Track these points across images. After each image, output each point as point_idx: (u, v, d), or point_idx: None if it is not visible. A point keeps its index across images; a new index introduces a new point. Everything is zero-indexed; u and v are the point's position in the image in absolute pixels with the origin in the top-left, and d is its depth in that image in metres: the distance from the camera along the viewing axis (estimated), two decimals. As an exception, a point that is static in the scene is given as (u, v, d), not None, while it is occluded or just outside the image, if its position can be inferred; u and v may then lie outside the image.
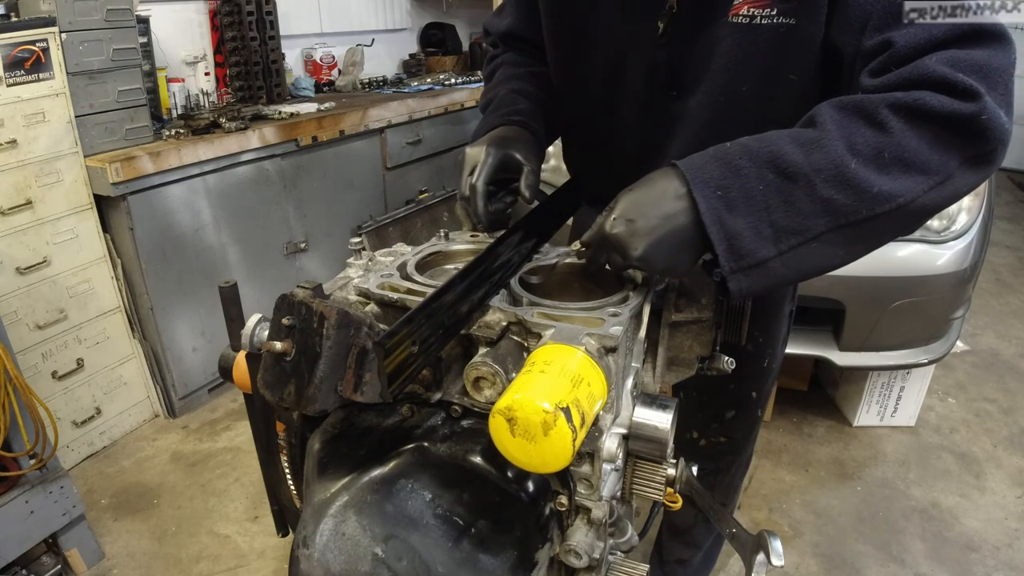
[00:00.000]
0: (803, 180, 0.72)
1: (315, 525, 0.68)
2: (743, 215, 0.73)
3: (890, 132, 0.71)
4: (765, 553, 0.71)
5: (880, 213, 0.72)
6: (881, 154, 0.71)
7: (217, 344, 2.74)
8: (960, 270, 2.13)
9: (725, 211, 0.73)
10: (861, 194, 0.71)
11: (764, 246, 0.73)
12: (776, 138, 0.75)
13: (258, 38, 3.10)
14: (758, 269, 0.74)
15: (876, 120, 0.72)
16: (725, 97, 0.96)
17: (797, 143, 0.73)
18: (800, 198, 0.72)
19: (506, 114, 1.07)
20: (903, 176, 0.71)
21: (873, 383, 2.55)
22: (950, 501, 2.27)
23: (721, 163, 0.74)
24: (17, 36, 2.06)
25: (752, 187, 0.73)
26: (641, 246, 0.75)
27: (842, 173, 0.71)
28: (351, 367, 0.69)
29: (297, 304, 0.68)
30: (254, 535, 2.14)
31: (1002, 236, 4.50)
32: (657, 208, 0.75)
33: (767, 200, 0.72)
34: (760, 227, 0.73)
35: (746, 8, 0.88)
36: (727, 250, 0.73)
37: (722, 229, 0.73)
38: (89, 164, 2.29)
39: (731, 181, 0.73)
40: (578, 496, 0.74)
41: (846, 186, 0.71)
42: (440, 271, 0.97)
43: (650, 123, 1.05)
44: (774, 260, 0.73)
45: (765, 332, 1.28)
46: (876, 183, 0.70)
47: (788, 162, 0.72)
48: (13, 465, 1.79)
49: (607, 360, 0.70)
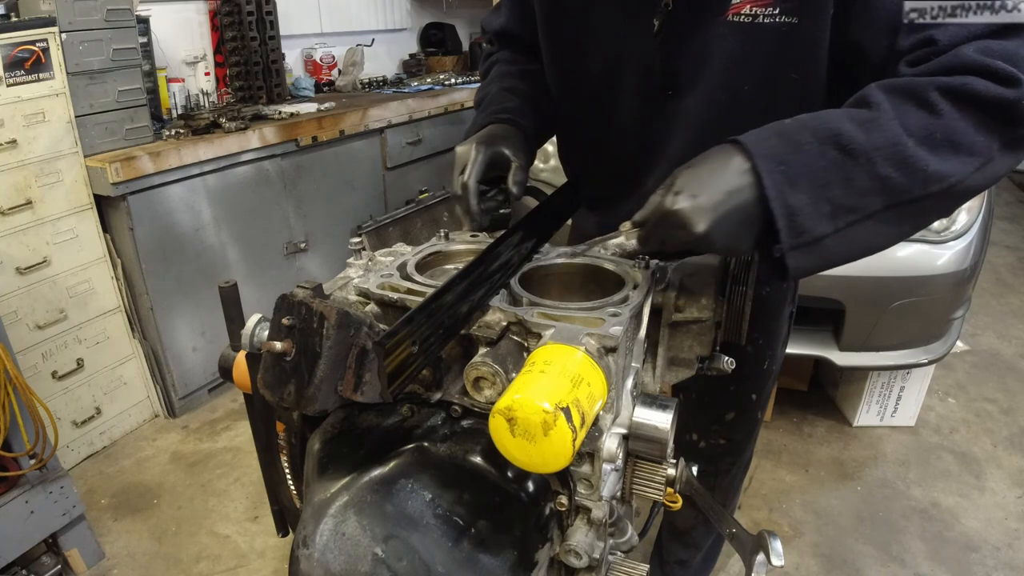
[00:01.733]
0: (863, 158, 0.71)
1: (315, 525, 0.68)
2: (804, 191, 0.71)
3: (940, 114, 0.72)
4: (765, 553, 0.71)
5: (932, 192, 0.73)
6: (932, 135, 0.72)
7: (217, 344, 2.74)
8: (960, 270, 2.13)
9: (787, 186, 0.71)
10: (916, 173, 0.71)
11: (822, 223, 0.72)
12: (835, 116, 0.75)
13: (258, 38, 3.10)
14: (815, 246, 0.73)
15: (927, 102, 0.72)
16: (724, 96, 0.96)
17: (855, 122, 0.73)
18: (859, 176, 0.72)
19: (495, 112, 1.08)
20: (952, 157, 0.72)
21: (873, 383, 2.55)
22: (950, 501, 2.27)
23: (783, 139, 0.73)
24: (17, 36, 2.06)
25: (813, 163, 0.72)
26: (705, 222, 0.71)
27: (900, 152, 0.71)
28: (351, 367, 0.69)
29: (297, 304, 0.68)
30: (254, 535, 2.14)
31: (1002, 236, 4.50)
32: (721, 183, 0.72)
33: (827, 177, 0.72)
34: (819, 204, 0.72)
35: (748, 7, 0.87)
36: (788, 226, 0.72)
37: (784, 205, 0.71)
38: (89, 164, 2.29)
39: (793, 157, 0.72)
40: (578, 496, 0.74)
41: (903, 165, 0.71)
42: (440, 271, 0.97)
43: (647, 123, 1.05)
44: (830, 237, 0.73)
45: (765, 333, 1.27)
46: (930, 163, 0.71)
47: (849, 139, 0.72)
48: (13, 465, 1.79)
49: (607, 360, 0.70)
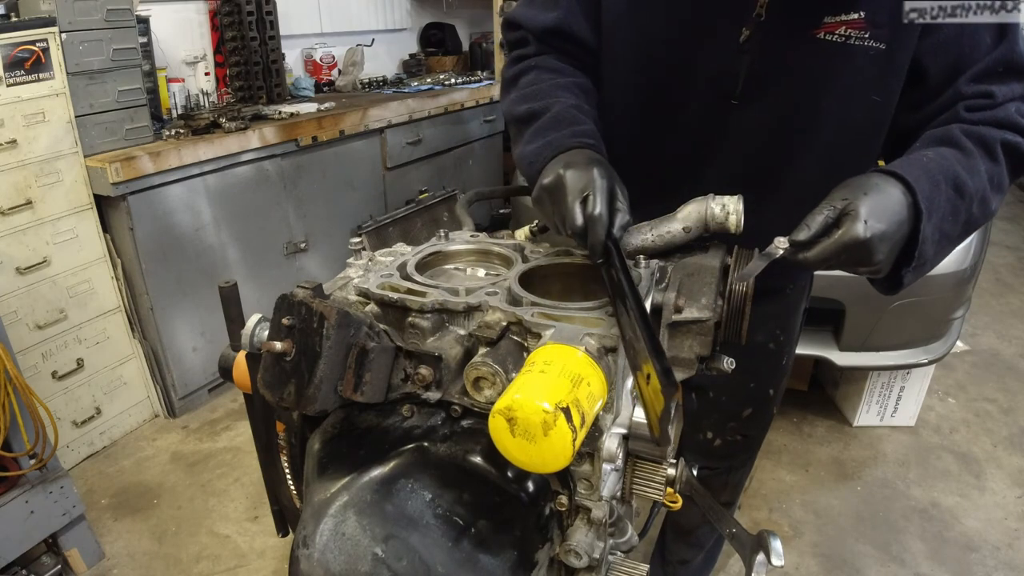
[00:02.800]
0: (968, 199, 0.86)
1: (315, 525, 0.68)
2: (932, 223, 0.82)
3: (999, 163, 0.90)
4: (765, 553, 0.71)
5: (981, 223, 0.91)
6: (993, 180, 0.89)
7: (217, 344, 2.74)
8: (960, 270, 2.13)
9: (927, 221, 0.81)
10: (987, 211, 0.90)
11: (932, 248, 0.84)
12: (952, 158, 0.87)
13: (258, 38, 3.10)
14: (922, 267, 0.85)
15: (994, 153, 0.90)
16: (793, 110, 0.97)
17: (962, 166, 0.86)
18: (961, 212, 0.86)
19: (578, 134, 0.96)
20: (998, 197, 0.91)
21: (873, 383, 2.55)
22: (950, 501, 2.27)
23: (928, 176, 0.83)
24: (17, 36, 2.06)
25: (941, 201, 0.83)
26: (884, 251, 0.79)
27: (984, 195, 0.88)
28: (351, 367, 0.69)
29: (297, 304, 0.68)
30: (254, 535, 2.14)
31: (1002, 236, 4.50)
32: (896, 215, 0.80)
33: (945, 211, 0.84)
34: (935, 234, 0.83)
35: (843, 28, 0.91)
36: (919, 253, 0.82)
37: (922, 235, 0.81)
38: (89, 164, 2.29)
39: (934, 195, 0.82)
40: (578, 496, 0.74)
41: (983, 205, 0.88)
42: (440, 271, 0.97)
43: (705, 129, 1.04)
44: (931, 260, 0.86)
45: (786, 331, 1.29)
46: (993, 203, 0.90)
47: (963, 183, 0.85)
48: (13, 465, 1.79)
49: (607, 360, 0.70)
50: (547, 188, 0.87)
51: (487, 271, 0.97)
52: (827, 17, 0.90)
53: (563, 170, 0.86)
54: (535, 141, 0.97)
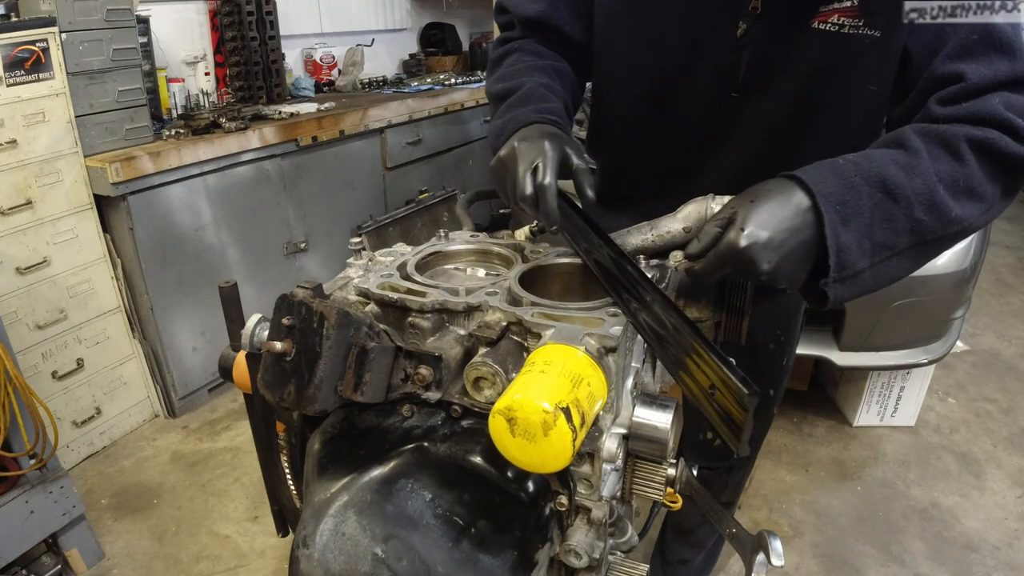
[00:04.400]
0: (904, 202, 0.77)
1: (315, 525, 0.68)
2: (853, 229, 0.76)
3: (966, 164, 0.79)
4: (765, 553, 0.71)
5: (949, 234, 0.81)
6: (957, 183, 0.79)
7: (217, 344, 2.74)
8: (960, 270, 2.13)
9: (840, 226, 0.76)
10: (942, 217, 0.79)
11: (862, 259, 0.78)
12: (880, 158, 0.80)
13: (258, 38, 3.10)
14: (853, 279, 0.79)
15: (957, 153, 0.80)
16: (796, 102, 0.96)
17: (898, 165, 0.79)
18: (898, 217, 0.78)
19: (542, 111, 0.99)
20: (968, 203, 0.80)
21: (873, 383, 2.55)
22: (950, 501, 2.27)
23: (839, 179, 0.77)
24: (17, 36, 2.06)
25: (863, 204, 0.77)
26: (773, 260, 0.75)
27: (932, 198, 0.78)
28: (351, 367, 0.69)
29: (297, 304, 0.68)
30: (254, 535, 2.14)
31: (1002, 236, 4.50)
32: (784, 221, 0.75)
33: (872, 217, 0.77)
34: (862, 241, 0.77)
35: (836, 17, 0.89)
36: (836, 263, 0.76)
37: (836, 243, 0.76)
38: (89, 164, 2.29)
39: (848, 197, 0.76)
40: (578, 496, 0.74)
41: (933, 209, 0.78)
42: (440, 271, 0.97)
43: (705, 123, 1.04)
44: (865, 272, 0.79)
45: (786, 331, 1.29)
46: (954, 209, 0.79)
47: (894, 184, 0.77)
48: (13, 465, 1.79)
49: (607, 360, 0.70)
50: (501, 160, 0.91)
51: (487, 271, 0.97)
52: (822, 7, 0.90)
53: (517, 142, 0.90)
54: (503, 116, 1.01)
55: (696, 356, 0.69)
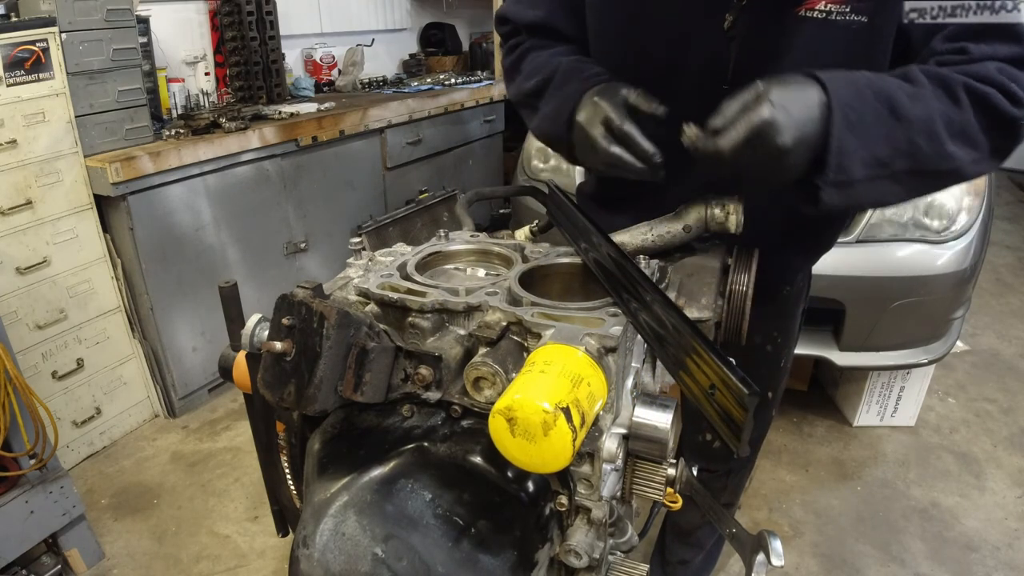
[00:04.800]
0: (906, 123, 0.81)
1: (315, 525, 0.68)
2: (855, 136, 0.79)
3: (962, 108, 0.83)
4: (765, 553, 0.71)
5: (943, 170, 0.85)
6: (952, 122, 0.83)
7: (217, 344, 2.74)
8: (960, 270, 2.13)
9: (846, 129, 0.79)
10: (938, 148, 0.82)
11: (859, 168, 0.80)
12: (891, 82, 0.84)
13: (258, 38, 3.10)
14: (848, 187, 0.81)
15: (955, 96, 0.84)
16: None
17: (904, 92, 0.82)
18: (899, 137, 0.81)
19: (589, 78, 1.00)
20: (962, 145, 0.84)
21: (873, 383, 2.55)
22: (950, 501, 2.27)
23: (853, 87, 0.81)
24: (17, 36, 2.06)
25: (868, 115, 0.80)
26: (791, 137, 0.76)
27: (931, 127, 0.82)
28: (351, 367, 0.69)
29: (297, 304, 0.68)
30: (254, 535, 2.14)
31: (1002, 236, 4.50)
32: (806, 107, 0.78)
33: (875, 130, 0.80)
34: (863, 152, 0.80)
35: (823, 3, 0.90)
36: (836, 164, 0.79)
37: (839, 144, 0.78)
38: (89, 164, 2.29)
39: (856, 104, 0.79)
40: (578, 496, 0.74)
41: (931, 138, 0.82)
42: (440, 271, 0.97)
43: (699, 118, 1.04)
44: (861, 183, 0.82)
45: (784, 333, 1.29)
46: (947, 144, 0.83)
47: (899, 104, 0.81)
48: (13, 465, 1.79)
49: (607, 360, 0.70)
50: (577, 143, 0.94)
51: (487, 271, 0.97)
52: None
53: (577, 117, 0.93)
54: (552, 102, 1.02)
55: (696, 356, 0.69)
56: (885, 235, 2.17)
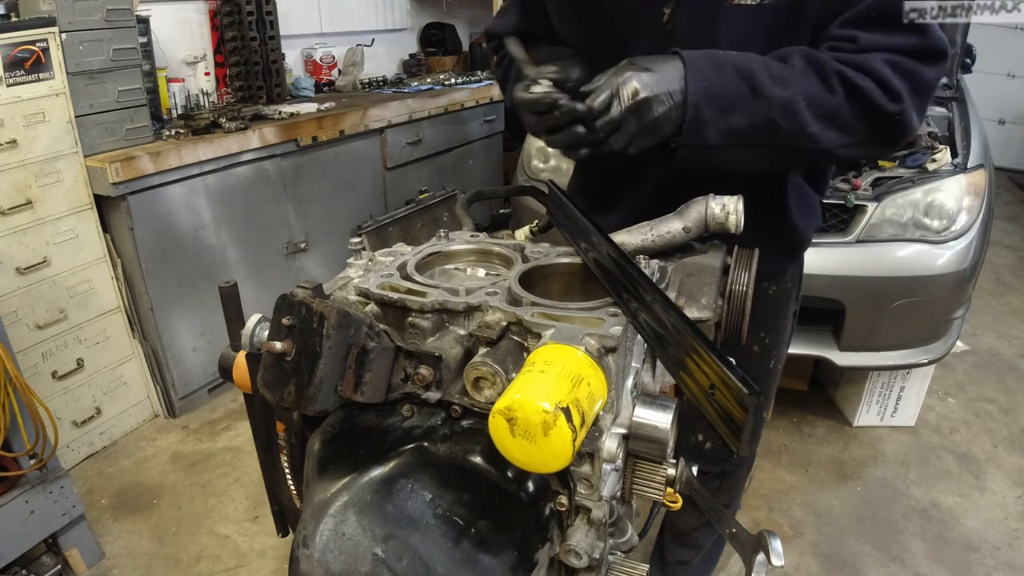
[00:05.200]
0: (764, 100, 0.88)
1: (315, 525, 0.68)
2: (713, 108, 0.87)
3: (834, 95, 0.89)
4: (765, 553, 0.71)
5: (806, 147, 0.91)
6: (821, 106, 0.89)
7: (217, 344, 2.74)
8: (960, 270, 2.13)
9: (704, 100, 0.87)
10: (797, 127, 0.89)
11: (714, 133, 0.89)
12: (757, 61, 0.90)
13: (258, 38, 3.10)
14: (703, 151, 0.91)
15: (827, 82, 0.89)
16: None
17: (769, 71, 0.89)
18: (756, 111, 0.88)
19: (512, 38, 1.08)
20: (829, 128, 0.90)
21: (873, 383, 2.55)
22: (950, 501, 2.27)
23: (713, 63, 0.89)
24: (17, 36, 2.06)
25: (728, 89, 0.87)
26: (648, 90, 0.85)
27: (791, 108, 0.88)
28: (351, 367, 0.69)
29: (297, 304, 0.68)
30: (254, 535, 2.14)
31: (1002, 236, 4.50)
32: (664, 75, 0.87)
33: (734, 103, 0.88)
34: (717, 119, 0.88)
35: None
36: (690, 129, 0.88)
37: (696, 111, 0.87)
38: (89, 164, 2.29)
39: (715, 79, 0.87)
40: (578, 496, 0.74)
41: (791, 117, 0.88)
42: (440, 271, 0.97)
43: None
44: (717, 149, 0.90)
45: (772, 333, 1.28)
46: (810, 125, 0.89)
47: (760, 82, 0.88)
48: (13, 465, 1.79)
49: (607, 360, 0.70)
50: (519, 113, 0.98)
51: (487, 271, 0.97)
52: None
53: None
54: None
55: (696, 356, 0.69)
56: (885, 235, 2.17)
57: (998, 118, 5.86)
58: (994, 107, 5.66)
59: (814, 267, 2.22)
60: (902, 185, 2.21)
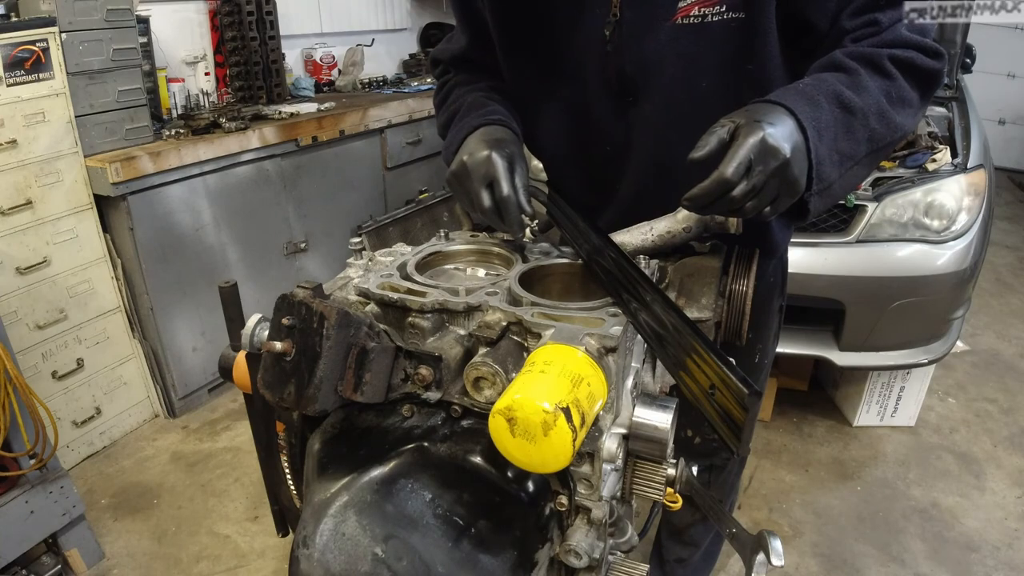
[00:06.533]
0: (859, 114, 0.85)
1: (315, 525, 0.68)
2: (824, 143, 0.82)
3: (894, 78, 0.89)
4: (765, 553, 0.71)
5: (895, 139, 0.90)
6: (891, 94, 0.88)
7: (217, 344, 2.74)
8: (960, 270, 2.13)
9: (818, 140, 0.81)
10: (889, 124, 0.88)
11: (834, 170, 0.84)
12: (831, 79, 0.87)
13: (258, 38, 3.10)
14: (828, 191, 0.85)
15: (883, 69, 0.89)
16: (683, 97, 0.99)
17: (845, 84, 0.86)
18: (857, 128, 0.85)
19: (484, 114, 1.03)
20: (903, 111, 0.90)
21: (873, 383, 2.55)
22: (950, 501, 2.27)
23: (806, 99, 0.84)
24: (17, 36, 2.06)
25: (827, 119, 0.83)
26: (787, 147, 0.77)
27: (880, 107, 0.87)
28: (351, 367, 0.69)
29: (297, 304, 0.68)
30: (254, 535, 2.14)
31: (1002, 236, 4.50)
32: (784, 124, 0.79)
33: (836, 130, 0.84)
34: (832, 154, 0.83)
35: (696, 9, 0.92)
36: (817, 175, 0.82)
37: (816, 155, 0.81)
38: (89, 164, 2.29)
39: (817, 114, 0.82)
40: (578, 496, 0.74)
41: (882, 118, 0.87)
42: (440, 271, 0.97)
43: (612, 130, 1.06)
44: (836, 183, 0.86)
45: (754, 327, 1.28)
46: (896, 116, 0.88)
47: (848, 98, 0.85)
48: (13, 465, 1.79)
49: (607, 360, 0.70)
50: (454, 174, 0.95)
51: (487, 271, 0.97)
52: (680, 2, 0.93)
53: (466, 157, 0.93)
54: (451, 132, 1.06)
55: (696, 356, 0.69)
56: (885, 235, 2.17)
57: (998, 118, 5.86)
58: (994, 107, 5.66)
59: (814, 267, 2.24)
60: (902, 185, 2.21)
